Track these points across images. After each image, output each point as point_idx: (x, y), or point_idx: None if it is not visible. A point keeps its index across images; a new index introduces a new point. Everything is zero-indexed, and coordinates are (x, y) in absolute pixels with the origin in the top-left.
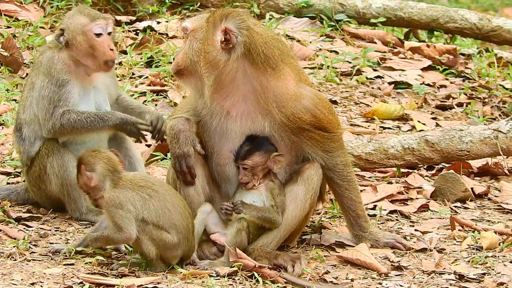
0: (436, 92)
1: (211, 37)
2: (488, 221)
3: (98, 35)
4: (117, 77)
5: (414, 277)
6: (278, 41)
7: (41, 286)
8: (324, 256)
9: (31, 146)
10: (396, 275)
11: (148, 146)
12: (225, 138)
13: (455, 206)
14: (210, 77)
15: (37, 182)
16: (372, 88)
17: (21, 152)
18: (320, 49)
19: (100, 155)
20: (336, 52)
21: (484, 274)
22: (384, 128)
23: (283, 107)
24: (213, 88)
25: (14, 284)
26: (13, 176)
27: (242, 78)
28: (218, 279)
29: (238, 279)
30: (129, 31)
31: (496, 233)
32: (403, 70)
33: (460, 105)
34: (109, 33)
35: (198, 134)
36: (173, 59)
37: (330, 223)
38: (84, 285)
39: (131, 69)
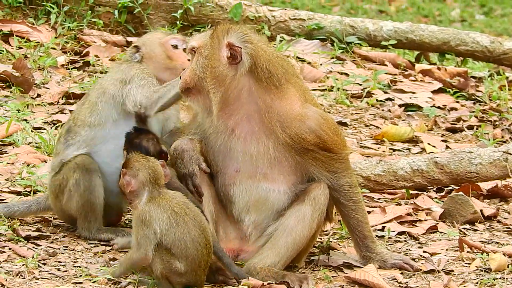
0: (446, 115)
1: (217, 52)
2: (497, 243)
3: (175, 47)
4: None
5: None
6: (283, 60)
7: None
8: (332, 276)
9: (73, 151)
10: None
11: None
12: (229, 157)
13: (464, 228)
14: (217, 93)
15: (57, 191)
16: (382, 110)
17: (57, 154)
18: (331, 71)
19: (147, 163)
20: (347, 74)
21: None
22: (394, 150)
23: (287, 127)
24: (220, 105)
25: None
26: (23, 195)
27: (247, 96)
28: None
29: None
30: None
31: (504, 255)
32: (413, 93)
33: (470, 127)
34: (184, 49)
35: (203, 153)
36: (180, 77)
37: (338, 244)
38: None
39: None
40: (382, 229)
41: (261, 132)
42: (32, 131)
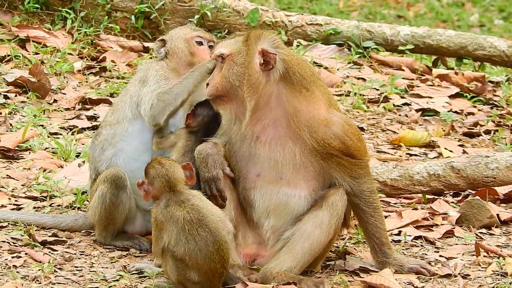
0: (463, 120)
1: (252, 60)
2: None
3: (199, 43)
4: None
5: None
6: (308, 63)
7: None
8: (348, 281)
9: (101, 153)
10: None
11: None
12: (252, 162)
13: (480, 232)
14: (252, 101)
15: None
16: (399, 115)
17: (89, 160)
18: (348, 76)
19: (161, 171)
20: (364, 79)
21: None
22: (411, 155)
23: (314, 132)
24: (251, 112)
25: None
26: (39, 201)
27: (275, 101)
28: None
29: None
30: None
31: None
32: (430, 98)
33: (487, 132)
34: (210, 46)
35: (226, 157)
36: (207, 84)
37: (354, 248)
38: None
39: None
40: (399, 234)
41: (288, 138)
42: (48, 137)
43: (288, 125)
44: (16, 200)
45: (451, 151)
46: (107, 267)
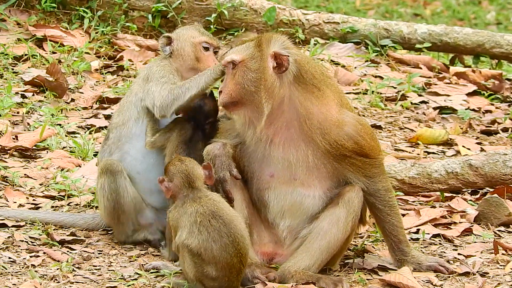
0: (481, 117)
1: (266, 64)
2: None
3: (206, 49)
4: None
5: None
6: (317, 62)
7: None
8: (367, 279)
9: (109, 157)
10: None
11: None
12: (266, 163)
13: (498, 230)
14: (269, 105)
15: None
16: (417, 113)
17: (98, 164)
18: (365, 74)
19: (181, 168)
20: (381, 77)
21: None
22: (429, 153)
23: (326, 134)
24: (266, 116)
25: None
26: (57, 200)
27: (288, 103)
28: None
29: None
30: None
31: None
32: (448, 95)
33: (505, 130)
34: (215, 52)
35: (235, 158)
36: (220, 92)
37: (373, 246)
38: None
39: None
40: (417, 232)
41: (300, 140)
42: (66, 136)
43: (301, 127)
44: (34, 199)
45: (468, 149)
46: (125, 266)
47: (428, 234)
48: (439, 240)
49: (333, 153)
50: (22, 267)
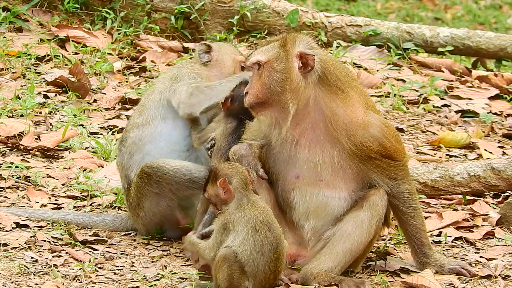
0: (503, 121)
1: (291, 64)
2: None
3: (242, 68)
4: None
5: None
6: (342, 64)
7: None
8: (389, 281)
9: (129, 158)
10: None
11: None
12: (291, 164)
13: None
14: (294, 106)
15: (136, 210)
16: (439, 116)
17: (120, 169)
18: (387, 77)
19: (237, 169)
20: (403, 81)
21: None
22: (451, 156)
23: (352, 135)
24: (292, 116)
25: None
26: (79, 200)
27: (313, 104)
28: None
29: None
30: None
31: None
32: (470, 99)
33: None
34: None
35: (261, 159)
36: (246, 93)
37: (395, 249)
38: None
39: None
40: (439, 235)
41: (326, 141)
42: (88, 136)
43: (326, 128)
44: (56, 200)
45: (490, 152)
46: (147, 267)
47: (450, 237)
48: (461, 243)
49: (359, 154)
50: (45, 267)
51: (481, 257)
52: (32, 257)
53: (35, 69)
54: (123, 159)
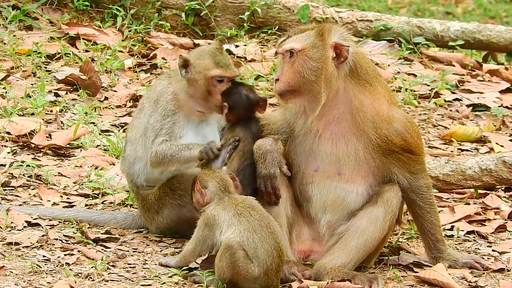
0: None
1: (327, 54)
2: None
3: (220, 81)
4: None
5: None
6: (369, 58)
7: None
8: (402, 276)
9: (130, 167)
10: None
11: None
12: (312, 157)
13: None
14: (325, 95)
15: (152, 215)
16: (450, 110)
17: (125, 173)
18: (399, 72)
19: (214, 175)
20: (415, 75)
21: None
22: (462, 150)
23: (378, 128)
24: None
25: None
26: (91, 198)
27: (343, 95)
28: None
29: None
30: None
31: None
32: (481, 93)
33: None
34: (230, 82)
35: (285, 154)
36: (276, 80)
37: (407, 244)
38: None
39: None
40: (451, 229)
41: (351, 134)
42: (99, 134)
43: (354, 120)
44: (68, 198)
45: (502, 146)
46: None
47: (463, 230)
48: (473, 237)
49: (383, 147)
50: (57, 266)
51: (493, 250)
52: (44, 256)
53: (45, 67)
54: (125, 166)
